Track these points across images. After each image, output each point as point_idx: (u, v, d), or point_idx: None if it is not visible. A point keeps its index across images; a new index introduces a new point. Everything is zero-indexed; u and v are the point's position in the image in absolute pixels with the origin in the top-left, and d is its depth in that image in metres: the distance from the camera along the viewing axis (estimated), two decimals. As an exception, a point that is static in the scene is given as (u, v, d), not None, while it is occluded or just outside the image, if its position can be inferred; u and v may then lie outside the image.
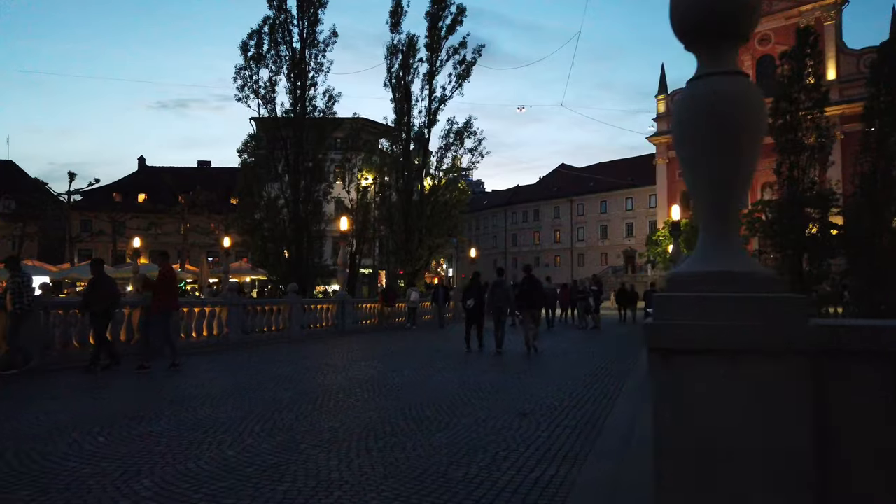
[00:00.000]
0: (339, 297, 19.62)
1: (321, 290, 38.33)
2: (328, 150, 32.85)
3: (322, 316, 18.46)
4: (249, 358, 11.57)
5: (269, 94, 30.54)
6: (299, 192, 30.21)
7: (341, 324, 19.26)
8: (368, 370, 9.59)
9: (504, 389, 7.67)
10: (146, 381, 8.61)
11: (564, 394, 7.44)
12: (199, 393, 7.32)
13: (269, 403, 6.62)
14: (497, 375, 9.06)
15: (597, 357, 11.96)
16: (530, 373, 9.45)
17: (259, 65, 30.31)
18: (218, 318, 14.24)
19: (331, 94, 30.50)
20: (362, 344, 15.26)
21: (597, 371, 9.65)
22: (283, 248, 30.05)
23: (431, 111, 31.03)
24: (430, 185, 30.83)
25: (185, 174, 61.99)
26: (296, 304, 17.06)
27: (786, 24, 55.78)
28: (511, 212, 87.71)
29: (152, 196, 58.89)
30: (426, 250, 30.43)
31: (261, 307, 15.98)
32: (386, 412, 6.10)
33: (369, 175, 32.68)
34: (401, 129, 30.94)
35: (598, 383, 8.35)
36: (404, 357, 11.77)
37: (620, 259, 71.07)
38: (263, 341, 15.36)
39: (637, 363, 10.53)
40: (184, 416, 5.98)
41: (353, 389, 7.57)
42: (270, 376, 8.77)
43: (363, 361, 10.89)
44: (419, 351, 13.01)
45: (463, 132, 30.72)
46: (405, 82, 31.04)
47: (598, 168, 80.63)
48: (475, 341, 12.89)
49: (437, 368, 9.79)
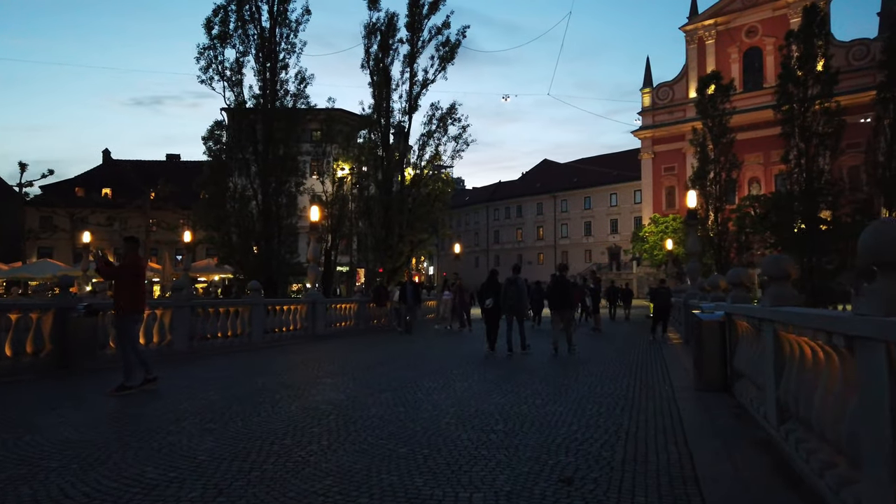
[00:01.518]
0: (310, 297, 17.37)
1: (296, 288, 36.03)
2: (302, 142, 30.59)
3: (290, 318, 16.21)
4: (188, 374, 9.33)
5: (235, 75, 28.12)
6: (269, 183, 27.90)
7: (312, 327, 17.04)
8: (335, 393, 7.42)
9: (521, 426, 5.57)
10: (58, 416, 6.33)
11: (606, 430, 5.38)
12: (73, 438, 5.10)
13: (164, 467, 4.42)
14: (505, 399, 6.96)
15: (615, 364, 9.95)
16: (547, 392, 7.37)
17: (225, 44, 27.85)
18: (160, 322, 11.94)
19: (303, 77, 28.14)
20: (335, 352, 13.06)
21: (628, 390, 7.62)
22: (251, 244, 27.68)
23: (413, 96, 28.86)
24: (412, 176, 28.62)
25: (152, 168, 58.94)
26: (258, 306, 14.78)
27: (773, 15, 54.63)
28: (493, 208, 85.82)
29: (117, 191, 55.74)
30: (407, 246, 28.24)
31: (214, 309, 13.68)
32: (350, 480, 3.95)
33: (345, 165, 30.39)
34: (379, 114, 28.69)
35: (639, 407, 6.33)
36: (384, 370, 9.61)
37: (605, 256, 69.64)
38: (217, 349, 13.08)
39: (669, 378, 8.53)
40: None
41: (307, 430, 5.40)
42: (199, 406, 6.57)
43: (331, 378, 8.70)
44: (401, 361, 10.87)
45: (447, 118, 28.58)
46: (384, 65, 28.81)
47: (582, 163, 79.12)
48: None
49: (424, 389, 7.65)
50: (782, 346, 4.87)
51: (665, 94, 59.91)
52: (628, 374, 9.19)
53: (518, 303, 12.08)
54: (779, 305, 4.90)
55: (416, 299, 19.58)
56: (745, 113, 47.07)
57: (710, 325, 7.33)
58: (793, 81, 22.33)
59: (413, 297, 19.35)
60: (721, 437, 5.15)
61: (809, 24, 22.36)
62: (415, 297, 19.47)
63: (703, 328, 7.37)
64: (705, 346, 7.39)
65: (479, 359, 11.09)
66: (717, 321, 7.33)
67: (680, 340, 15.61)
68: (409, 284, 19.83)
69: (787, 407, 4.57)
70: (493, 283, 12.77)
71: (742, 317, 6.49)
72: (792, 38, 23.53)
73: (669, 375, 8.95)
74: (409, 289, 19.49)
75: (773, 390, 4.92)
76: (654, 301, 18.10)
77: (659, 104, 59.96)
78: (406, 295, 19.36)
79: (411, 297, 19.28)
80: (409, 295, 19.31)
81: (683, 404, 6.62)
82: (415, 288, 19.81)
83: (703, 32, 57.51)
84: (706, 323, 7.35)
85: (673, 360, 10.86)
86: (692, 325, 7.79)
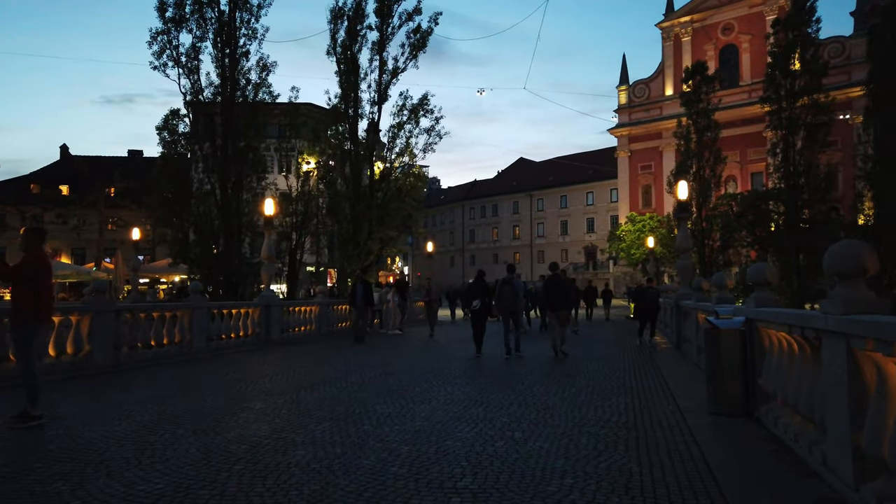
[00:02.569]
0: (264, 300, 15.67)
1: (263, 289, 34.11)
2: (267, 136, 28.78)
3: (240, 323, 14.50)
4: (96, 395, 7.65)
5: (191, 62, 26.17)
6: (229, 177, 26.04)
7: (266, 333, 15.35)
8: (259, 424, 5.82)
9: (495, 479, 4.07)
10: None
11: (612, 483, 3.91)
12: None
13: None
14: (475, 431, 5.47)
15: (605, 377, 8.53)
16: (528, 420, 5.90)
17: (180, 28, 25.88)
18: (76, 330, 10.18)
19: (265, 64, 26.31)
20: (284, 363, 11.43)
21: (628, 413, 6.19)
22: (209, 242, 25.79)
23: (382, 85, 27.21)
24: (381, 169, 27.00)
25: (111, 163, 56.27)
26: (199, 309, 13.04)
27: (749, 12, 54.21)
28: (468, 207, 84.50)
29: (75, 188, 52.97)
30: (377, 243, 26.57)
31: (147, 314, 11.93)
32: None
33: (311, 159, 28.61)
34: (347, 105, 27.00)
35: (646, 441, 4.89)
36: (331, 388, 8.04)
37: (581, 255, 68.80)
38: (149, 361, 11.34)
39: (672, 395, 7.15)
40: None
41: (192, 494, 3.82)
42: (65, 448, 4.94)
43: (262, 401, 7.08)
44: (355, 376, 9.30)
45: (418, 109, 27.00)
46: (352, 52, 27.11)
47: (558, 162, 78.24)
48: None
49: (375, 417, 6.11)
50: (861, 369, 3.46)
51: (641, 91, 59.22)
52: (623, 388, 7.78)
53: (514, 303, 11.60)
54: (852, 313, 3.49)
55: (366, 302, 16.95)
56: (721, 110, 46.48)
57: (730, 335, 5.93)
58: (780, 70, 21.25)
59: (363, 299, 16.70)
60: (770, 494, 3.73)
61: (798, 10, 21.34)
62: (365, 299, 16.80)
63: (721, 338, 5.97)
64: (722, 359, 5.99)
65: (445, 372, 9.59)
66: (738, 329, 5.94)
67: (668, 345, 14.34)
68: (360, 285, 17.07)
69: (877, 458, 3.16)
70: (481, 284, 12.24)
71: (777, 325, 5.11)
72: (780, 25, 22.48)
73: (671, 391, 7.56)
74: (358, 290, 16.76)
75: (848, 432, 3.50)
76: (638, 302, 16.86)
77: (635, 102, 59.25)
78: (355, 297, 16.68)
79: (361, 300, 16.58)
80: (358, 297, 16.59)
81: (701, 435, 5.20)
82: (366, 289, 17.09)
83: (679, 29, 56.95)
84: (725, 332, 5.96)
85: (670, 370, 9.50)
86: (703, 333, 6.39)
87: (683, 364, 10.61)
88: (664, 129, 54.97)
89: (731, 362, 5.93)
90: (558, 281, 11.91)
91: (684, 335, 12.38)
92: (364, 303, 16.72)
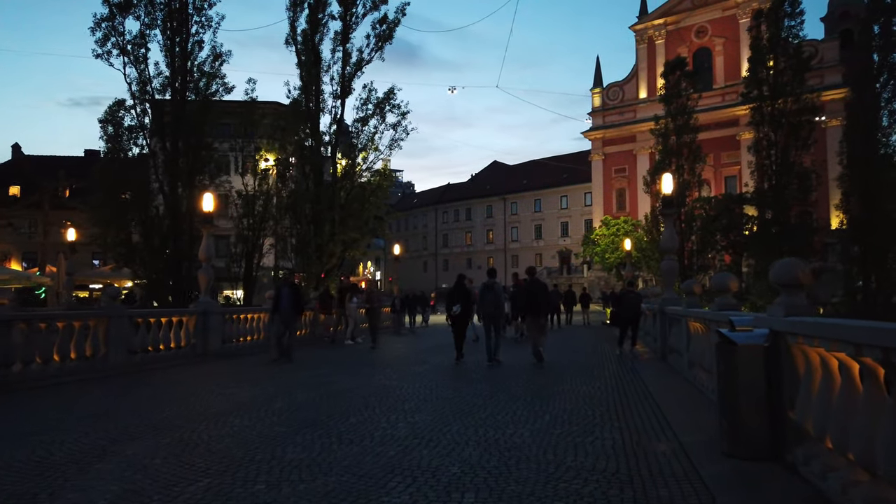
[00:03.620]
0: (201, 306, 13.88)
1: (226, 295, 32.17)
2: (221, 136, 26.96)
3: (171, 334, 12.70)
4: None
5: (138, 49, 24.27)
6: (178, 175, 24.16)
7: (203, 344, 13.57)
8: (87, 495, 4.15)
9: None
10: None
11: None
12: None
13: None
14: (408, 494, 3.92)
15: (586, 399, 7.05)
16: (487, 470, 4.38)
17: (126, 14, 24.00)
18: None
19: (218, 52, 24.58)
20: (206, 382, 9.73)
21: (618, 458, 4.71)
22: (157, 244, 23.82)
23: (346, 78, 25.57)
24: (343, 167, 25.31)
25: (65, 163, 53.44)
26: (118, 318, 11.25)
27: (723, 15, 53.89)
28: (442, 211, 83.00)
29: (27, 188, 50.04)
30: (339, 246, 24.83)
31: (49, 324, 10.11)
32: None
33: (270, 156, 26.79)
34: (308, 98, 25.29)
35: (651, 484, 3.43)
36: (238, 422, 6.40)
37: (556, 259, 67.81)
38: (48, 379, 9.55)
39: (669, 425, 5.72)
40: None
41: None
42: None
43: (133, 447, 5.27)
44: (280, 403, 7.66)
45: (384, 104, 25.42)
46: (313, 43, 25.45)
47: (532, 165, 77.32)
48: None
49: (275, 471, 4.49)
50: None
51: (615, 94, 58.56)
52: (608, 416, 6.31)
53: (496, 310, 11.25)
54: None
55: (294, 310, 13.17)
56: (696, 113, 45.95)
57: (750, 353, 4.50)
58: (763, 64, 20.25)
59: (290, 305, 12.85)
60: None
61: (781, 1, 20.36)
62: (293, 305, 12.97)
63: (738, 356, 4.53)
64: (740, 384, 4.55)
65: (395, 393, 8.02)
66: (761, 345, 4.51)
67: (651, 355, 12.99)
68: (286, 288, 13.11)
69: None
70: (461, 289, 11.81)
71: (819, 340, 3.69)
72: (762, 17, 21.50)
73: (667, 419, 6.11)
74: (284, 295, 12.87)
75: None
76: (617, 307, 15.54)
77: (609, 104, 58.56)
78: (279, 303, 12.87)
79: (287, 306, 12.77)
80: (283, 303, 12.78)
81: (723, 497, 3.74)
82: (293, 293, 13.16)
83: (653, 32, 56.47)
84: (743, 348, 4.52)
85: (660, 389, 8.09)
86: (715, 350, 4.95)
87: (673, 379, 9.23)
88: (638, 132, 54.36)
89: (753, 388, 4.50)
90: (535, 284, 11.55)
91: (671, 345, 11.02)
92: (293, 311, 13.07)
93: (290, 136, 25.23)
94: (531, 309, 11.33)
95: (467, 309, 11.68)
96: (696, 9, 54.64)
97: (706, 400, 6.91)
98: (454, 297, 11.69)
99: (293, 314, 13.15)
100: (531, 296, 11.28)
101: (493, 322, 11.16)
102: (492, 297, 11.23)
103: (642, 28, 57.07)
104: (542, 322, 11.51)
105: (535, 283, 11.65)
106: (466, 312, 11.68)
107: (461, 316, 11.53)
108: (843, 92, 38.16)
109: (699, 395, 7.39)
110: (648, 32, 56.66)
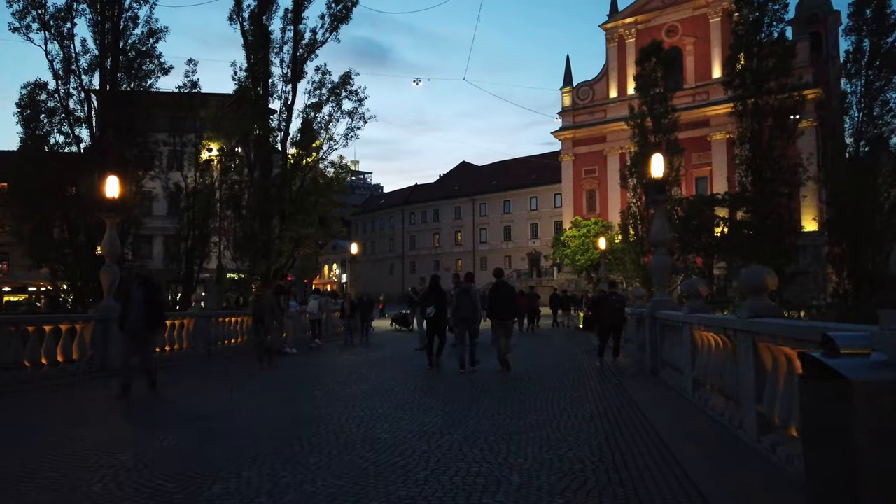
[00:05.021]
0: (101, 312, 11.47)
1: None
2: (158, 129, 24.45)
3: (58, 346, 10.27)
4: None
5: (62, 25, 21.69)
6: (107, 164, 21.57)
7: (102, 357, 11.19)
8: None
9: None
10: None
11: None
12: None
13: None
14: None
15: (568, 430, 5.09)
16: None
17: (49, -15, 21.43)
18: None
19: (153, 29, 22.13)
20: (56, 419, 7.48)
21: None
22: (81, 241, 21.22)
23: (298, 60, 23.37)
24: (293, 157, 23.01)
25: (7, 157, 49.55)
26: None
27: (693, 14, 53.08)
28: (409, 212, 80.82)
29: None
30: (289, 243, 22.51)
31: None
32: None
33: (213, 146, 24.36)
34: (255, 81, 22.96)
35: None
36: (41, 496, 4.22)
37: (525, 262, 66.30)
38: None
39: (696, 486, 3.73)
40: None
41: None
42: None
43: None
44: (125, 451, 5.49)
45: (340, 89, 23.27)
46: (261, 22, 23.16)
47: (501, 166, 75.81)
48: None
49: None
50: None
51: (585, 93, 57.36)
52: (601, 463, 4.32)
53: (472, 314, 10.82)
54: None
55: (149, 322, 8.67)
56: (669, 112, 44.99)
57: (876, 397, 2.54)
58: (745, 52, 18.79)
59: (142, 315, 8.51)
60: None
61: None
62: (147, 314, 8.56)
63: (856, 405, 2.56)
64: (858, 451, 2.59)
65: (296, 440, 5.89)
66: (891, 382, 2.56)
67: (636, 367, 11.13)
68: (140, 289, 8.68)
69: None
70: (436, 291, 11.62)
71: None
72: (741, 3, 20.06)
73: (690, 478, 4.15)
74: (135, 298, 8.61)
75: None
76: (596, 311, 13.74)
77: (579, 104, 57.32)
78: (128, 313, 8.63)
79: (136, 318, 8.48)
80: (132, 313, 8.55)
81: None
82: (149, 296, 8.67)
83: (623, 31, 55.45)
84: (860, 385, 2.55)
85: (664, 421, 6.14)
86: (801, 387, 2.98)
87: (677, 405, 7.32)
88: (609, 131, 53.25)
89: (882, 460, 2.54)
90: (503, 287, 11.29)
91: (665, 358, 9.15)
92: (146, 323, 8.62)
93: (235, 122, 22.86)
94: (496, 312, 10.97)
95: (442, 311, 11.34)
96: (667, 7, 53.81)
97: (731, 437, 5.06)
98: (429, 299, 11.49)
99: (147, 329, 8.65)
100: (497, 298, 10.98)
101: (468, 328, 10.74)
102: (468, 302, 10.90)
103: (612, 27, 56.03)
104: (508, 325, 11.15)
105: (503, 286, 11.35)
106: (441, 314, 11.34)
107: (437, 318, 11.25)
108: (815, 92, 37.47)
109: (722, 431, 5.49)
110: (619, 31, 55.63)
